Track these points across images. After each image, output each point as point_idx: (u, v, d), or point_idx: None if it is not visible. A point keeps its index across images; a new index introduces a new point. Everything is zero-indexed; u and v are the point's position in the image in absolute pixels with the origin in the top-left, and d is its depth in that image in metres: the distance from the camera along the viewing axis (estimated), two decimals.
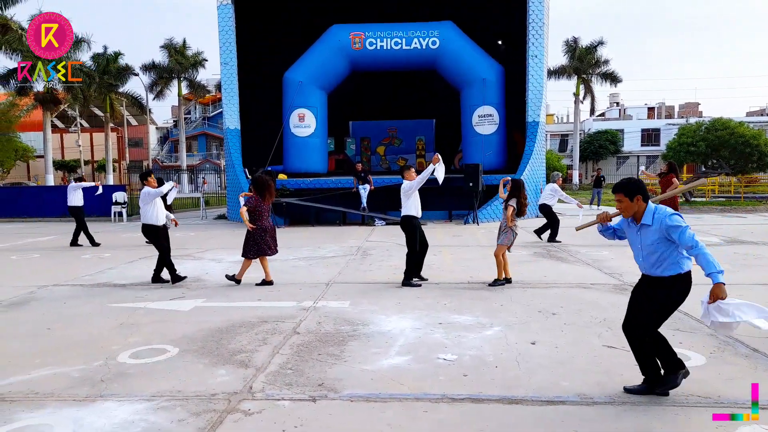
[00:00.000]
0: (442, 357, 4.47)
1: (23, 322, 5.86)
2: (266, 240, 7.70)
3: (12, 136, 36.64)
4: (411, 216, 7.62)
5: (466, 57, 17.99)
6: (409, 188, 7.59)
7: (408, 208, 7.63)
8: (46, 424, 3.40)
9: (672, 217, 3.44)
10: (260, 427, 3.33)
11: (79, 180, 13.43)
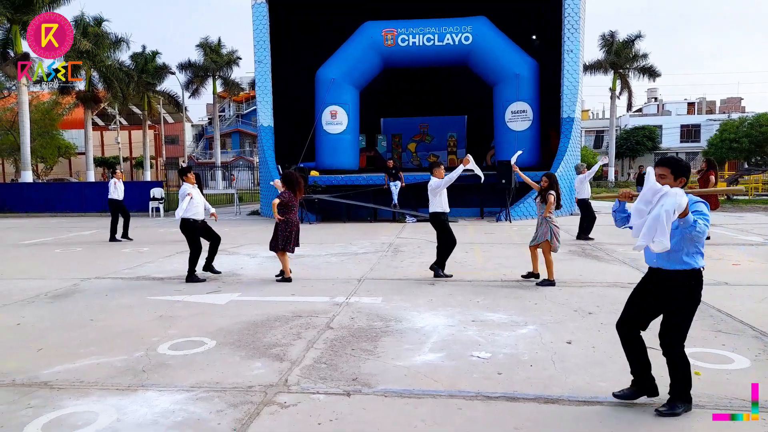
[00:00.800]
0: (475, 354, 4.45)
1: (68, 313, 6.08)
2: (290, 235, 7.73)
3: (55, 133, 38.02)
4: (439, 212, 7.70)
5: (500, 52, 17.78)
6: (437, 186, 7.61)
7: (435, 205, 7.70)
8: (92, 411, 3.52)
9: (697, 203, 3.16)
10: (296, 420, 3.37)
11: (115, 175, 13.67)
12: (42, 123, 35.46)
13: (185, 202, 7.72)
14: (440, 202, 7.70)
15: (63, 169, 48.58)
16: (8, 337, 5.22)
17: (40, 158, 37.46)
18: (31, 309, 6.29)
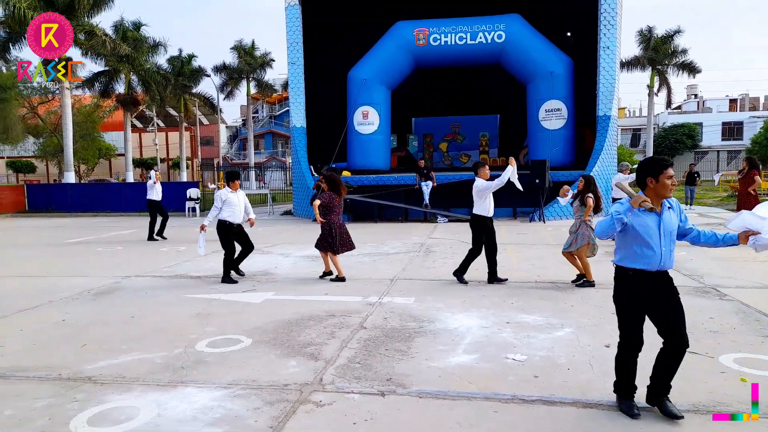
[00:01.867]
0: (511, 357, 4.40)
1: (110, 310, 6.27)
2: (333, 235, 7.78)
3: (96, 136, 39.26)
4: (482, 216, 7.30)
5: (533, 50, 17.53)
6: (486, 189, 7.24)
7: (479, 208, 7.31)
8: (133, 406, 3.62)
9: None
10: (331, 419, 3.39)
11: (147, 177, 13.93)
12: (84, 125, 36.66)
13: (215, 211, 7.74)
14: (485, 205, 7.28)
15: (103, 169, 50.14)
16: (54, 332, 5.41)
17: (82, 160, 38.73)
18: (76, 305, 6.51)
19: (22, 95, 35.07)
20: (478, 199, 7.31)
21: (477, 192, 7.30)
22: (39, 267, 9.45)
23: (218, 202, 7.79)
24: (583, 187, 7.22)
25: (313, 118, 18.83)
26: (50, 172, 48.13)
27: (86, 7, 26.32)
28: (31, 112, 36.58)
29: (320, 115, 19.39)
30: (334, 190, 7.85)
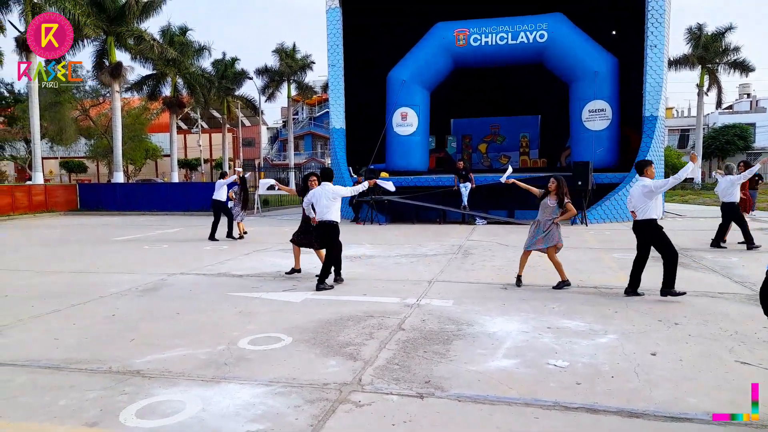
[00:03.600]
0: (552, 363, 4.32)
1: (157, 306, 6.48)
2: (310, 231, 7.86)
3: (144, 137, 40.62)
4: (654, 219, 6.56)
5: (577, 49, 17.17)
6: (661, 187, 6.52)
7: (649, 211, 6.51)
8: (179, 401, 3.73)
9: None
10: (370, 420, 3.41)
11: (222, 176, 13.78)
12: (132, 127, 37.99)
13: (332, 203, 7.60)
14: (655, 206, 6.58)
15: (150, 170, 51.82)
16: (104, 327, 5.63)
17: (130, 160, 40.15)
18: (124, 301, 6.75)
19: (75, 98, 36.64)
20: (648, 200, 6.46)
21: (647, 193, 6.46)
22: (89, 263, 9.85)
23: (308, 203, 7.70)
24: (557, 189, 7.13)
25: (352, 120, 18.97)
26: (100, 172, 50.08)
27: (136, 13, 27.31)
28: (83, 115, 38.16)
29: (359, 117, 19.52)
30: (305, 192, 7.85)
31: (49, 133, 35.30)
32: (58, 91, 33.99)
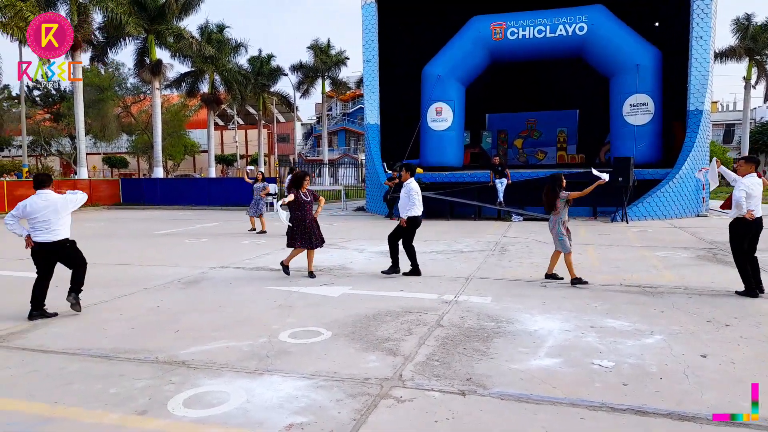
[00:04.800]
0: (597, 363, 4.22)
1: (199, 299, 6.63)
2: (301, 230, 7.81)
3: (182, 133, 41.59)
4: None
5: (618, 42, 16.72)
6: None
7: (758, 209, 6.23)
8: (224, 391, 3.80)
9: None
10: (412, 416, 3.41)
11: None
12: (172, 124, 38.95)
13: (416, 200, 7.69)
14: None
15: (188, 165, 53.05)
16: (150, 318, 5.79)
17: (169, 156, 41.18)
18: (167, 293, 6.93)
19: (117, 95, 37.76)
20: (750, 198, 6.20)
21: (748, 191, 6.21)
22: (134, 256, 10.14)
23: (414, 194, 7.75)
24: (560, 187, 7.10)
25: (386, 115, 18.96)
26: (141, 167, 51.54)
27: (175, 12, 27.90)
28: (125, 111, 39.31)
29: (393, 112, 19.49)
30: (295, 185, 7.87)
31: (92, 129, 36.50)
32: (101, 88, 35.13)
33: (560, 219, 7.05)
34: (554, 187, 7.07)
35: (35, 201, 5.69)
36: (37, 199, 5.70)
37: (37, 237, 5.66)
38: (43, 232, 5.66)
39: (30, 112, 35.95)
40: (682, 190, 15.39)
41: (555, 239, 7.11)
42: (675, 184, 15.19)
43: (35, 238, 5.67)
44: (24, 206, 5.68)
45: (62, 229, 5.78)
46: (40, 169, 39.90)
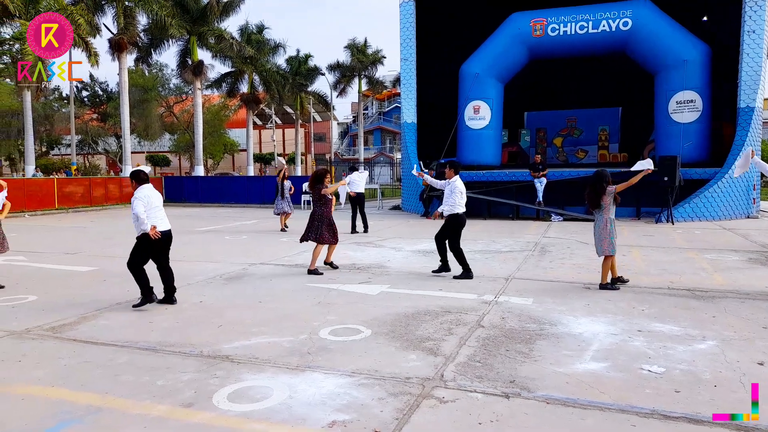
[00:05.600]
0: (646, 368, 4.08)
1: (240, 294, 6.73)
2: (314, 225, 8.16)
3: (222, 132, 42.47)
4: None
5: (664, 37, 16.17)
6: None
7: None
8: (267, 387, 3.84)
9: None
10: (455, 417, 3.36)
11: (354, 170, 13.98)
12: (212, 123, 39.81)
13: (458, 199, 7.63)
14: None
15: (227, 164, 54.14)
16: (194, 312, 5.91)
17: (209, 154, 42.12)
18: (210, 289, 7.07)
19: (160, 96, 38.84)
20: None
21: None
22: (176, 252, 10.33)
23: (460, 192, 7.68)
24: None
25: (423, 114, 18.88)
26: (182, 165, 52.89)
27: (216, 13, 28.48)
28: (167, 111, 40.38)
29: (430, 111, 19.38)
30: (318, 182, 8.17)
31: (137, 129, 37.64)
32: (145, 89, 36.20)
33: (611, 218, 6.80)
34: (600, 183, 6.81)
35: (150, 194, 6.02)
36: (151, 192, 6.05)
37: (160, 227, 5.99)
38: (161, 221, 6.05)
39: (78, 112, 37.32)
40: (732, 191, 14.78)
41: (604, 239, 6.73)
42: (724, 184, 14.60)
43: (160, 227, 5.99)
44: (147, 198, 5.96)
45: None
46: (88, 168, 41.43)
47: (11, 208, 7.92)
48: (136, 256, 6.04)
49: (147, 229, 5.86)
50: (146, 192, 6.02)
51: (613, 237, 6.72)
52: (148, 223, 5.86)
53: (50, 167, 39.52)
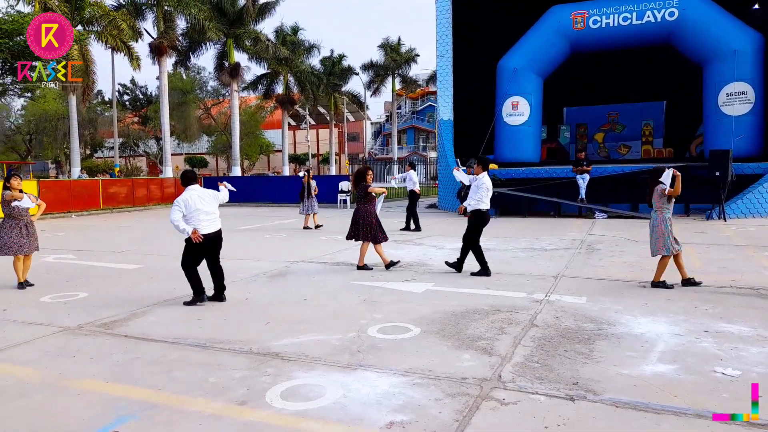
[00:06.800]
0: (720, 371, 3.83)
1: (285, 292, 6.70)
2: (357, 223, 8.12)
3: (258, 133, 43.03)
4: None
5: (713, 26, 15.51)
6: None
7: None
8: (320, 385, 3.76)
9: None
10: (519, 419, 3.20)
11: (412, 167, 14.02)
12: (248, 124, 40.38)
13: (486, 194, 7.55)
14: None
15: (263, 164, 54.85)
16: (240, 309, 5.90)
17: (245, 155, 42.74)
18: (255, 286, 7.06)
19: (198, 98, 39.60)
20: None
21: None
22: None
23: (486, 190, 7.61)
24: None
25: (459, 110, 18.62)
26: (219, 166, 53.85)
27: (252, 16, 28.84)
28: (205, 113, 41.16)
29: (467, 108, 19.10)
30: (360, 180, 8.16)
31: (176, 131, 38.48)
32: (184, 92, 36.97)
33: (666, 217, 6.49)
34: (654, 181, 6.55)
35: (192, 196, 5.98)
36: (193, 194, 6.00)
37: (204, 229, 5.96)
38: (205, 223, 5.97)
39: (120, 116, 38.40)
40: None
41: (658, 239, 6.44)
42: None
43: (202, 231, 5.94)
44: (185, 202, 5.94)
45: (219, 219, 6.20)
46: (129, 169, 42.57)
47: (59, 208, 8.12)
48: (186, 258, 6.09)
49: (187, 234, 5.87)
50: (187, 196, 5.98)
51: (668, 237, 6.40)
52: (187, 228, 5.85)
53: (94, 169, 40.82)
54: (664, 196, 6.48)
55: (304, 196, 14.00)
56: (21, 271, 7.21)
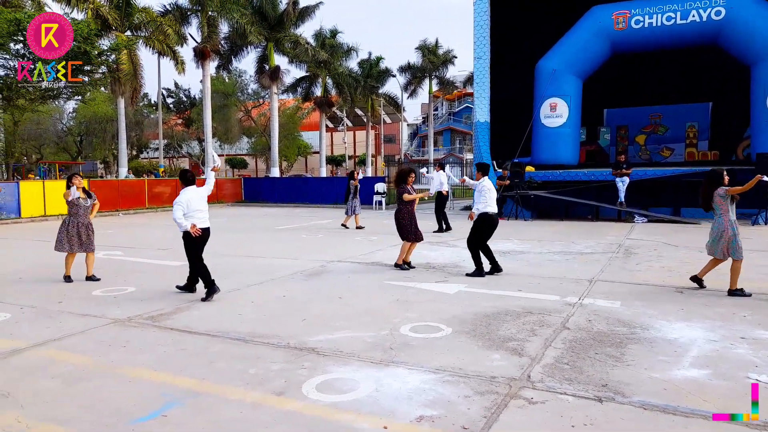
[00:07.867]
0: (754, 377, 3.80)
1: (321, 290, 6.90)
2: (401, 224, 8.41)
3: (296, 135, 43.75)
4: None
5: (762, 25, 15.03)
6: None
7: None
8: (353, 379, 3.91)
9: None
10: (546, 418, 3.28)
11: (441, 167, 14.33)
12: (287, 126, 41.10)
13: (489, 196, 7.70)
14: None
15: (300, 166, 55.67)
16: (278, 306, 6.13)
17: (284, 156, 43.51)
18: (292, 284, 7.30)
19: (239, 101, 40.56)
20: None
21: None
22: (259, 249, 10.81)
23: (488, 190, 7.72)
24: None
25: (496, 112, 18.53)
26: (258, 167, 54.96)
27: (292, 20, 29.39)
28: (245, 115, 42.10)
29: (503, 109, 18.97)
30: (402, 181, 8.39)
31: (217, 132, 39.50)
32: (225, 95, 37.94)
33: (731, 220, 6.39)
34: (710, 185, 6.44)
35: (192, 197, 6.50)
36: (193, 195, 6.51)
37: (201, 224, 6.48)
38: (203, 221, 6.53)
39: (164, 118, 39.69)
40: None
41: (724, 245, 6.35)
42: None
43: (200, 225, 6.45)
44: (187, 203, 6.43)
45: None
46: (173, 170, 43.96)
47: (108, 207, 8.67)
48: (190, 253, 6.53)
49: (187, 228, 6.33)
50: (188, 196, 6.46)
51: (734, 242, 6.29)
52: (186, 224, 6.32)
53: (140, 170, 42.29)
54: (726, 197, 6.37)
55: (349, 196, 14.32)
56: (70, 266, 7.68)
